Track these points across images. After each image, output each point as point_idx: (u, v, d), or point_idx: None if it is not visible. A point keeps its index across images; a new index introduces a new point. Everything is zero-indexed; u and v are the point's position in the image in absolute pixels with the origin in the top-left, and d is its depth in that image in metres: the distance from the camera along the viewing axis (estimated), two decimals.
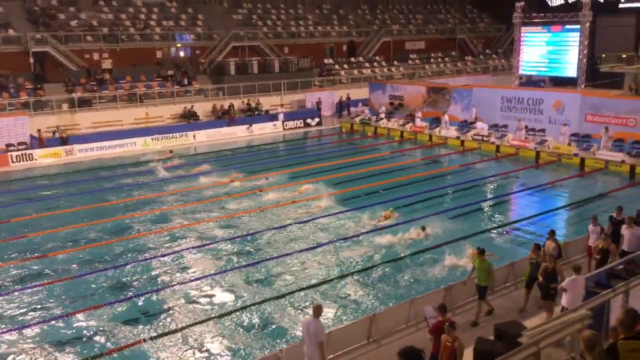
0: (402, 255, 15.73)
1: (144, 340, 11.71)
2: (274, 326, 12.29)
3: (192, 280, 14.57)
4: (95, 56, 36.87)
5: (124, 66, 37.20)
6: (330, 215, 19.29)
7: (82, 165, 28.33)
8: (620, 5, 45.36)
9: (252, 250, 16.63)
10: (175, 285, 14.33)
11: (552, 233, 13.00)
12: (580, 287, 10.58)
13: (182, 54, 41.09)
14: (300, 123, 37.58)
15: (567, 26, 38.35)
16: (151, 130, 33.08)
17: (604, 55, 41.23)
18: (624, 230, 13.05)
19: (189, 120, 35.35)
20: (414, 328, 11.49)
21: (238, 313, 12.79)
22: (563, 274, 11.46)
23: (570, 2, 44.59)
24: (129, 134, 32.15)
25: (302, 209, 20.20)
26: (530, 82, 43.99)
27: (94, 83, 34.69)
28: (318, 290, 13.83)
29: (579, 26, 36.96)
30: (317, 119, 38.27)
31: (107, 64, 36.84)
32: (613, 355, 5.71)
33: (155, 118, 34.88)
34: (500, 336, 9.51)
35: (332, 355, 10.41)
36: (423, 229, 17.20)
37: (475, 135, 30.47)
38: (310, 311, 10.33)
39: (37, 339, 12.00)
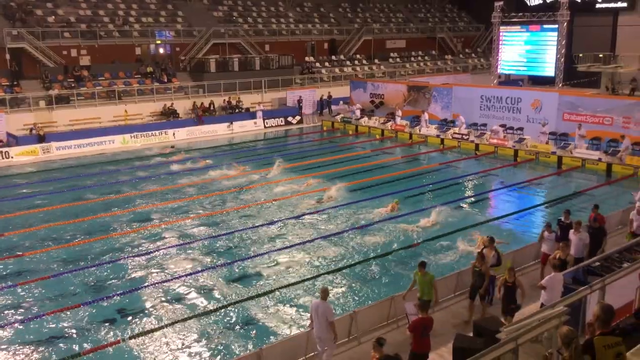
0: (380, 253, 15.80)
1: (122, 340, 11.60)
2: (258, 324, 12.27)
3: (172, 279, 14.45)
4: (73, 53, 36.38)
5: (103, 63, 36.78)
6: (312, 213, 19.31)
7: (59, 163, 27.95)
8: (597, 5, 45.94)
9: (232, 248, 16.58)
10: (156, 283, 14.21)
11: (492, 240, 12.50)
12: (558, 284, 10.73)
13: (161, 50, 40.73)
14: (282, 121, 37.53)
15: (545, 26, 38.81)
16: (130, 128, 32.79)
17: (581, 55, 41.73)
18: (572, 235, 12.95)
19: (169, 117, 35.08)
20: (394, 325, 11.53)
21: (222, 311, 12.76)
22: (523, 287, 10.96)
23: (548, 2, 45.02)
24: (107, 132, 31.82)
25: (285, 207, 20.21)
26: (509, 81, 44.44)
27: (72, 80, 34.24)
28: (296, 288, 13.84)
29: (556, 26, 37.42)
30: (298, 117, 38.24)
31: (85, 60, 36.41)
32: (589, 351, 5.79)
33: (134, 116, 34.54)
34: (480, 332, 9.60)
35: (312, 354, 10.42)
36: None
37: (454, 133, 30.71)
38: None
39: (13, 339, 11.82)
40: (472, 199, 21.36)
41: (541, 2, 46.48)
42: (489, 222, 18.31)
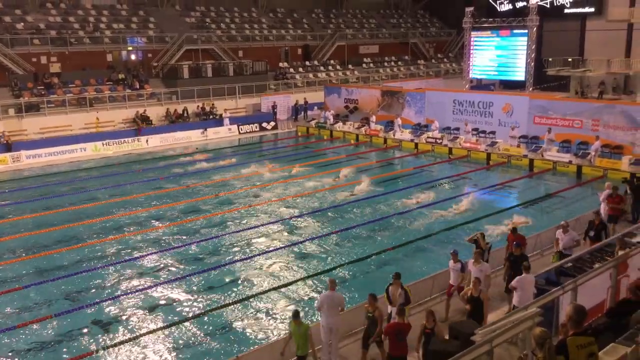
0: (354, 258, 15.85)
1: (96, 351, 11.40)
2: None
3: (144, 289, 14.29)
4: (43, 60, 35.80)
5: (73, 70, 36.28)
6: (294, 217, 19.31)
7: (29, 172, 27.46)
8: (566, 11, 46.92)
9: (207, 255, 16.47)
10: (134, 292, 14.03)
11: (397, 276, 10.84)
12: (529, 285, 10.86)
13: (133, 57, 40.33)
14: (256, 127, 37.43)
15: (515, 31, 39.43)
16: (102, 136, 32.36)
17: (550, 59, 42.54)
18: (470, 266, 11.72)
19: (142, 124, 34.71)
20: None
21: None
22: (443, 334, 9.66)
23: (518, 7, 45.84)
24: (78, 140, 31.35)
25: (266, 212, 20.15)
26: (481, 85, 45.05)
27: (42, 87, 33.67)
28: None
29: (526, 31, 38.06)
30: (272, 123, 38.19)
31: (55, 67, 35.86)
32: (562, 351, 5.87)
33: (106, 123, 34.09)
34: (455, 335, 9.66)
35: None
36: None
37: (428, 138, 30.98)
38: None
39: None
40: (447, 202, 21.51)
41: (511, 7, 47.28)
42: (464, 224, 18.48)
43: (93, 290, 14.30)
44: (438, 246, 16.61)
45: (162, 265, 15.77)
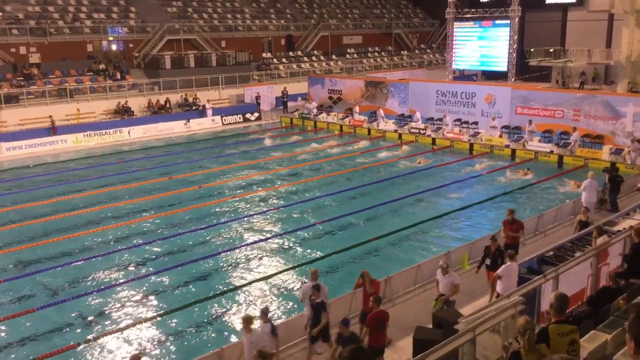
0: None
1: (78, 344, 11.32)
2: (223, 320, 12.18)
3: (128, 282, 14.22)
4: (22, 50, 35.26)
5: (53, 60, 35.77)
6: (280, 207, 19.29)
7: (9, 164, 27.10)
8: (548, 1, 47.22)
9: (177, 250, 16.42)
10: (117, 285, 13.95)
11: (265, 313, 9.58)
12: (514, 273, 10.99)
13: (114, 47, 39.86)
14: (240, 118, 37.25)
15: (497, 22, 39.55)
16: (83, 127, 31.99)
17: (532, 50, 42.81)
18: (439, 277, 11.09)
19: (123, 116, 34.37)
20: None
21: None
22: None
23: None
24: (59, 131, 30.93)
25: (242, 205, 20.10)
26: (464, 76, 45.24)
27: (21, 78, 33.16)
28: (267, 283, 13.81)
29: (508, 21, 38.19)
30: (256, 114, 38.02)
31: (34, 58, 35.33)
32: (544, 338, 5.94)
33: (87, 114, 33.69)
34: (439, 324, 9.75)
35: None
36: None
37: (412, 128, 31.07)
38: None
39: None
40: (431, 192, 21.61)
41: None
42: (451, 212, 18.61)
43: (76, 283, 14.19)
44: (423, 236, 16.77)
45: (146, 258, 15.69)
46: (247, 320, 9.12)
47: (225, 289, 13.65)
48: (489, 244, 12.39)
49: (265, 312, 9.59)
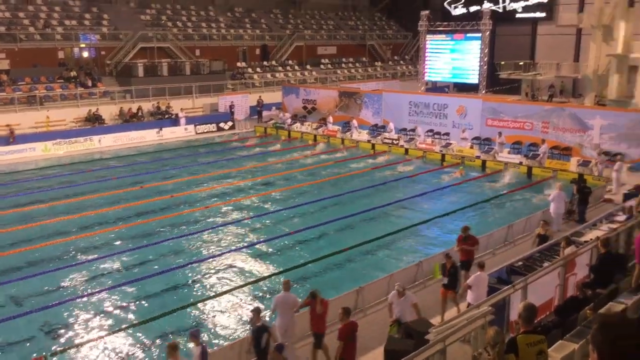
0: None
1: (44, 357, 11.06)
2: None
3: (95, 293, 13.98)
4: None
5: (23, 67, 35.08)
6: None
7: None
8: (518, 15, 48.20)
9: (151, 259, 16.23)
10: (85, 296, 13.70)
11: (195, 336, 9.16)
12: (484, 283, 11.12)
13: (86, 54, 39.35)
14: (213, 127, 37.05)
15: (469, 35, 40.18)
16: (53, 135, 31.43)
17: (503, 63, 43.60)
18: (393, 299, 10.67)
19: (94, 124, 33.91)
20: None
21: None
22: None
23: (471, 11, 46.80)
24: (28, 139, 30.33)
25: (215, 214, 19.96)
26: (436, 87, 45.79)
27: None
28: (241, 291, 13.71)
29: (480, 35, 38.85)
30: (230, 123, 37.86)
31: (4, 64, 34.60)
32: (513, 349, 6.02)
33: (57, 122, 33.13)
34: (410, 334, 9.79)
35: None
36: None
37: (385, 138, 31.31)
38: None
39: None
40: (403, 202, 21.75)
41: (465, 11, 48.23)
42: (422, 223, 18.76)
43: (44, 295, 13.88)
44: (395, 246, 16.86)
45: (116, 268, 15.45)
46: (173, 347, 8.57)
47: (196, 300, 13.52)
48: (444, 262, 12.10)
49: (194, 334, 9.11)
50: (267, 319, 11.30)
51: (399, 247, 16.99)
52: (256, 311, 9.79)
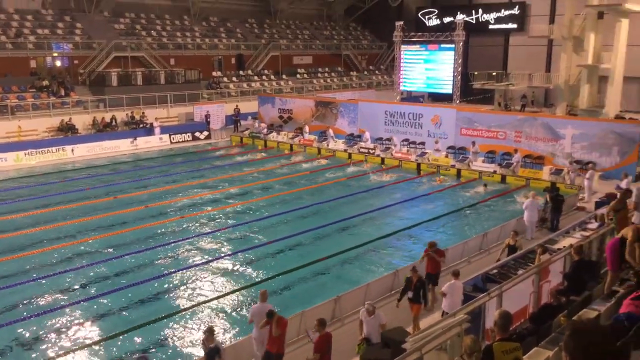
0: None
1: None
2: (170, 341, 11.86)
3: (69, 305, 13.71)
4: None
5: None
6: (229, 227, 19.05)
7: None
8: (490, 27, 49.06)
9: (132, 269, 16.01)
10: (58, 308, 13.43)
11: (211, 331, 9.50)
12: (458, 290, 11.20)
13: (58, 63, 38.84)
14: (189, 136, 36.81)
15: (443, 45, 40.72)
16: (24, 145, 30.90)
17: (476, 73, 44.23)
18: (363, 317, 10.47)
19: (67, 133, 33.42)
20: (298, 343, 11.44)
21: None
22: None
23: (445, 22, 47.45)
24: None
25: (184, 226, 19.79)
26: (411, 97, 46.22)
27: None
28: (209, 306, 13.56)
29: (453, 45, 39.39)
30: (206, 132, 37.66)
31: None
32: (489, 356, 6.05)
33: (29, 132, 32.59)
34: (387, 343, 9.80)
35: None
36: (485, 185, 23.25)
37: (361, 148, 31.44)
38: None
39: None
40: (379, 211, 21.84)
41: (439, 22, 48.92)
42: (399, 231, 18.83)
43: (14, 307, 13.57)
44: (372, 255, 16.90)
45: (89, 280, 15.18)
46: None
47: (171, 311, 13.33)
48: (410, 276, 11.83)
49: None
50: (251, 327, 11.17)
51: (376, 256, 17.00)
52: (209, 331, 9.42)
